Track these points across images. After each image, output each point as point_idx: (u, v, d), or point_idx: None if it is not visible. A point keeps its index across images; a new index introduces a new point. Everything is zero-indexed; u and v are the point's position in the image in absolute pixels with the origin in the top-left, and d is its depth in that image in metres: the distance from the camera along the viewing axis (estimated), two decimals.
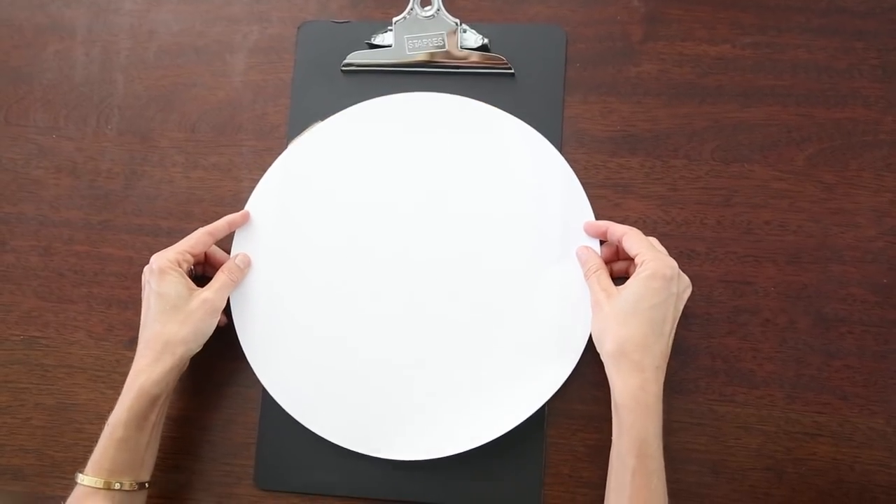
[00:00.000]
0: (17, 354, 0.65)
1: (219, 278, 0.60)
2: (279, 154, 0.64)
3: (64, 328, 0.65)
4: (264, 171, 0.64)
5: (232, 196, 0.65)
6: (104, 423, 0.56)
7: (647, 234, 0.61)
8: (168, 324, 0.57)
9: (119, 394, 0.56)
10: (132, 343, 0.64)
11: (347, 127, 0.64)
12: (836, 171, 0.60)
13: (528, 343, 0.60)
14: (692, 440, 0.59)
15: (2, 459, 0.64)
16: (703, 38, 0.63)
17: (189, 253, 0.59)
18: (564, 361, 0.59)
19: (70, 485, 0.55)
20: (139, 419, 0.55)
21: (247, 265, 0.62)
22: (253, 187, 0.64)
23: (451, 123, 0.63)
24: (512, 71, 0.64)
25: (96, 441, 0.58)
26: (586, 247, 0.60)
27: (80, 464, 0.62)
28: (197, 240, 0.60)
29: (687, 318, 0.60)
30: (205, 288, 0.59)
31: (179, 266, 0.59)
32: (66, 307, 0.65)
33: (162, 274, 0.58)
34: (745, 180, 0.61)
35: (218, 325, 0.60)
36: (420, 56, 0.64)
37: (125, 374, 0.63)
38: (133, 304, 0.64)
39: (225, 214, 0.64)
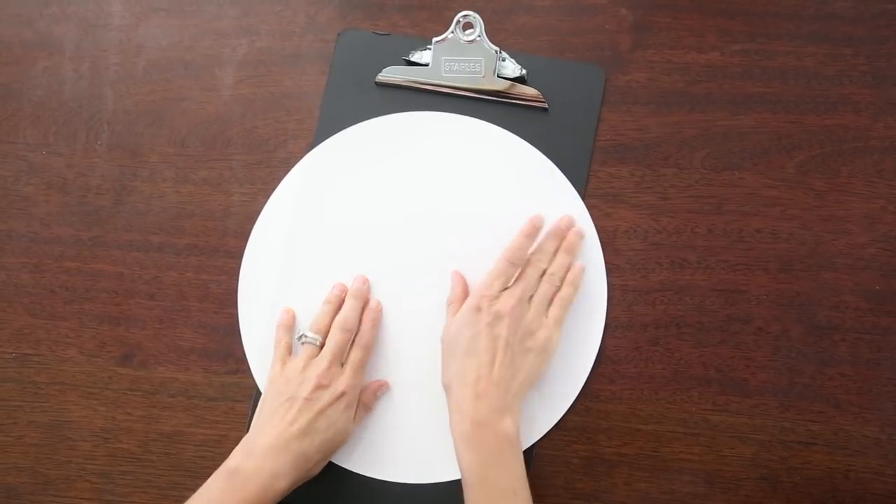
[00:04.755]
0: (10, 372, 0.65)
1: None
2: (269, 168, 0.65)
3: (56, 345, 0.65)
4: (254, 184, 0.65)
5: (222, 210, 0.65)
6: (98, 442, 0.56)
7: (638, 243, 0.61)
8: (322, 452, 0.56)
9: (111, 411, 0.55)
10: (124, 359, 0.64)
11: (367, 140, 0.64)
12: (826, 178, 0.60)
13: None
14: (685, 450, 0.58)
15: None
16: (691, 45, 0.63)
17: None
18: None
19: (63, 502, 0.55)
20: None
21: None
22: (243, 201, 0.64)
23: (469, 147, 0.63)
24: (546, 106, 0.63)
25: (90, 459, 0.58)
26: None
27: (73, 481, 0.62)
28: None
29: (679, 328, 0.60)
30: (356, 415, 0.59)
31: None
32: (57, 324, 0.65)
33: (350, 409, 0.57)
34: (736, 188, 0.61)
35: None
36: (455, 79, 0.63)
37: (117, 391, 0.63)
38: (124, 320, 0.64)
39: (216, 229, 0.64)
